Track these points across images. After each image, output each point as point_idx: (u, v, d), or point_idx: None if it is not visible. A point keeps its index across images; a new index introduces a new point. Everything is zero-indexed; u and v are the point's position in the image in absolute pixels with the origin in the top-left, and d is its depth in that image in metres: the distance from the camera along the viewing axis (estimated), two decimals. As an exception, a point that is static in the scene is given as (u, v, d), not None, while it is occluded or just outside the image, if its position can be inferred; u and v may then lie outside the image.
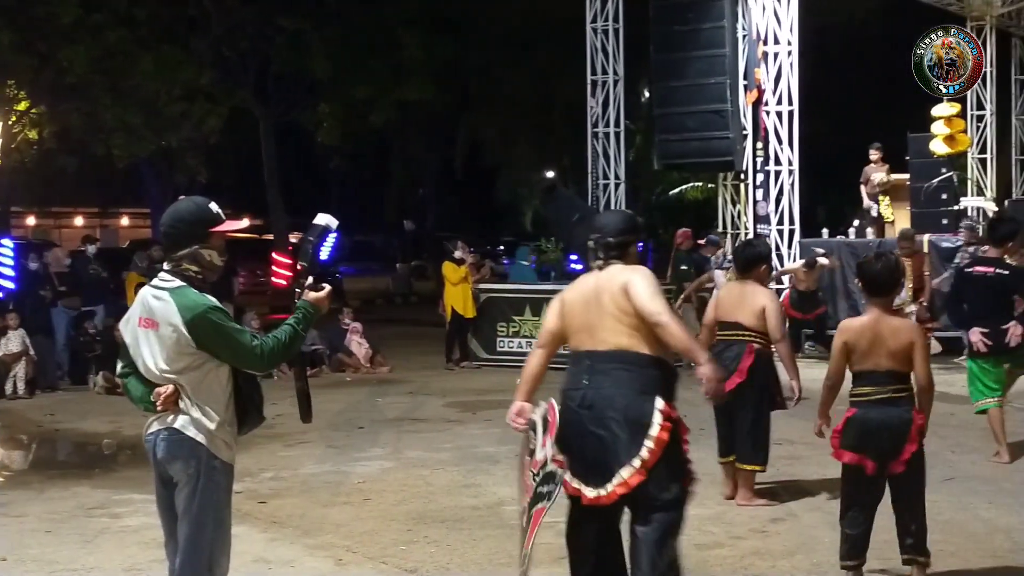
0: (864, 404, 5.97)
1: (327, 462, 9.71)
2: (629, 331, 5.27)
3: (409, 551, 6.86)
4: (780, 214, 18.25)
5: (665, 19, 19.34)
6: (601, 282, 5.40)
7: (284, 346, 4.67)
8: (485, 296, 17.13)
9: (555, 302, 5.62)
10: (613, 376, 5.28)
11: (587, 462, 5.26)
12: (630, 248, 5.54)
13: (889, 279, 6.03)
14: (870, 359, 5.93)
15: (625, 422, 5.20)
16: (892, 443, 5.89)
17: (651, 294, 5.24)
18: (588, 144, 20.99)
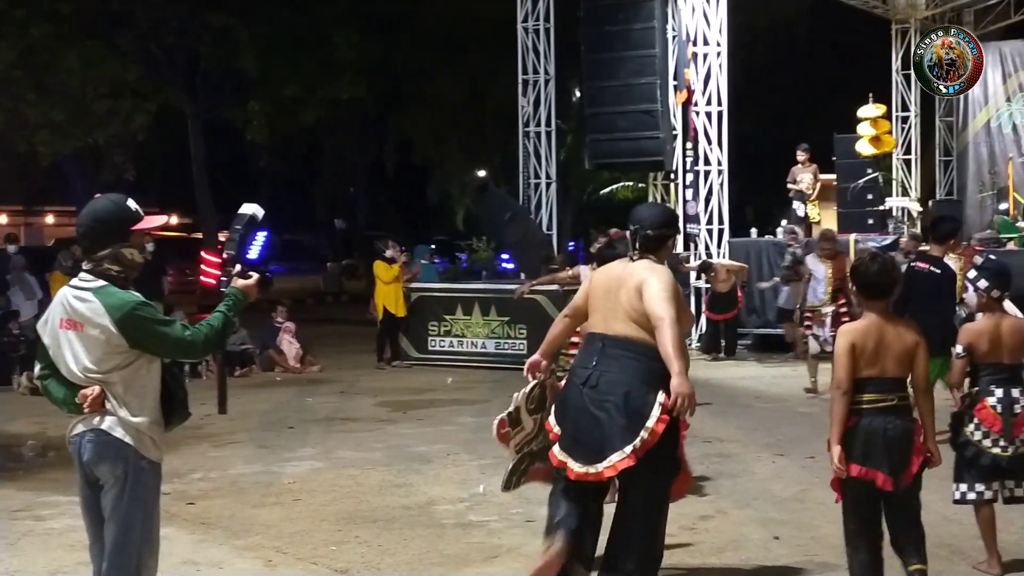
0: (868, 412, 5.48)
1: (257, 462, 9.63)
2: (640, 325, 5.52)
3: (340, 551, 6.83)
4: (709, 214, 18.41)
5: (596, 19, 19.42)
6: (626, 274, 5.66)
7: (217, 332, 4.65)
8: (416, 295, 17.10)
9: (586, 281, 6.00)
10: (622, 363, 5.53)
11: (579, 438, 5.50)
12: (668, 243, 5.86)
13: (887, 281, 5.64)
14: (875, 364, 5.49)
15: (626, 408, 5.42)
16: (901, 454, 5.50)
17: (662, 298, 5.45)
18: (519, 143, 21.03)
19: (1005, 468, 6.24)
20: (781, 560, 6.47)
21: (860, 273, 5.65)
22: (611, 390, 5.47)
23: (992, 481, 6.27)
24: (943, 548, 6.59)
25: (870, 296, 5.63)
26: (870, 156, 18.48)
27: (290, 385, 15.13)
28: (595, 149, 20.37)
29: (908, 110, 24.91)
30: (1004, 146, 24.67)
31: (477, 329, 16.39)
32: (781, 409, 12.26)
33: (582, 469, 5.45)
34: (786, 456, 9.49)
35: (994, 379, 6.28)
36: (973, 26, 25.62)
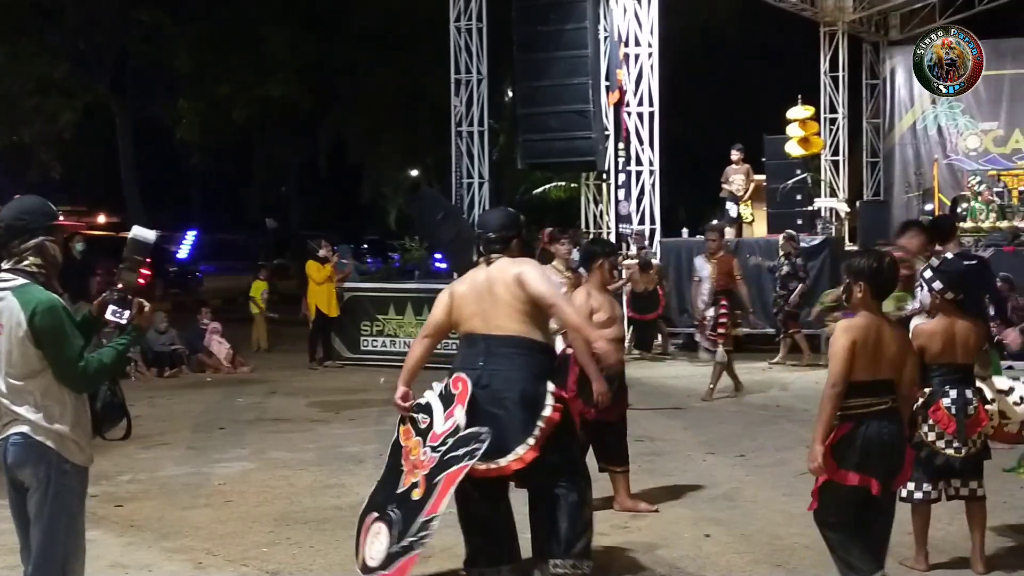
0: (862, 417, 5.32)
1: (187, 464, 9.54)
2: (523, 318, 5.76)
3: (271, 553, 6.79)
4: (641, 214, 18.52)
5: (528, 19, 19.46)
6: (492, 274, 5.87)
7: (108, 369, 4.59)
8: (349, 295, 17.03)
9: (444, 295, 6.08)
10: (511, 359, 5.73)
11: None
12: (512, 243, 6.03)
13: (895, 279, 5.56)
14: (872, 366, 5.32)
15: (522, 402, 5.64)
16: (895, 460, 5.39)
17: (542, 282, 5.80)
18: (452, 143, 21.01)
19: (958, 469, 6.23)
20: (712, 557, 6.52)
21: (879, 271, 5.41)
22: (506, 387, 5.68)
23: (939, 481, 6.30)
24: (870, 544, 6.67)
25: (880, 295, 5.46)
26: (799, 157, 18.69)
27: (220, 386, 15.01)
28: (528, 149, 20.40)
29: (836, 112, 25.22)
30: (929, 148, 25.10)
31: (410, 329, 16.34)
32: (712, 408, 12.36)
33: (484, 466, 5.58)
34: (717, 455, 9.57)
35: (947, 380, 6.24)
36: (899, 29, 26.07)
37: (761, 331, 16.57)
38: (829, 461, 5.31)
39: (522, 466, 5.60)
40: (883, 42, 26.25)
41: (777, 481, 8.48)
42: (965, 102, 24.93)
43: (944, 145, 25.04)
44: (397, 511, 5.82)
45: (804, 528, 7.10)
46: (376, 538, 5.91)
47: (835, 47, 25.02)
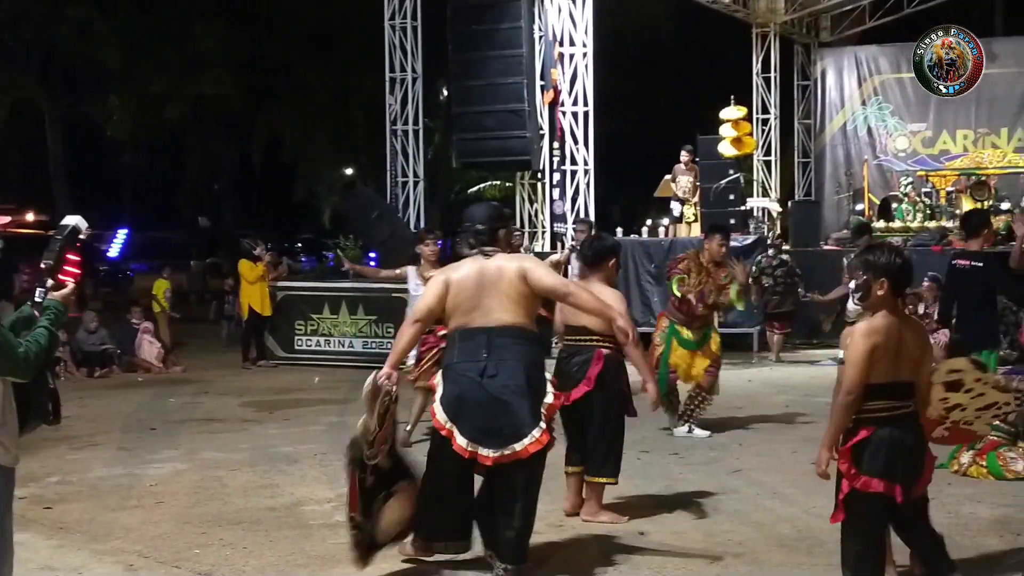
0: (882, 422, 5.09)
1: (117, 465, 9.43)
2: (521, 311, 6.03)
3: (203, 554, 6.73)
4: (576, 213, 18.57)
5: (463, 18, 19.44)
6: (490, 267, 6.07)
7: (44, 350, 4.55)
8: (283, 294, 16.93)
9: (438, 284, 6.17)
10: (513, 349, 5.98)
11: (491, 427, 5.90)
12: (499, 234, 6.27)
13: (910, 276, 5.36)
14: (891, 369, 5.09)
15: (529, 389, 5.94)
16: (921, 464, 5.20)
17: (549, 275, 6.16)
18: (387, 142, 20.94)
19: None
20: (646, 555, 6.55)
21: (902, 265, 5.21)
22: (512, 376, 5.94)
23: None
24: (803, 541, 6.75)
25: (901, 291, 5.24)
26: (732, 157, 18.84)
27: (152, 386, 14.85)
28: (462, 148, 20.39)
29: (768, 112, 25.46)
30: (860, 148, 25.41)
31: (344, 328, 16.29)
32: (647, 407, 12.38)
33: (498, 453, 5.88)
34: (651, 453, 9.62)
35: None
36: (830, 31, 26.37)
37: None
38: (851, 468, 5.09)
39: (539, 447, 5.90)
40: (814, 44, 26.54)
41: (710, 479, 8.55)
42: (894, 103, 25.29)
43: (874, 146, 25.36)
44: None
45: (737, 525, 7.18)
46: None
47: (767, 48, 25.26)
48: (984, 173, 21.34)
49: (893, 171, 24.14)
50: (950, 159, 23.96)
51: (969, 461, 8.39)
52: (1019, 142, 24.11)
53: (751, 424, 11.07)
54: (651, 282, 17.80)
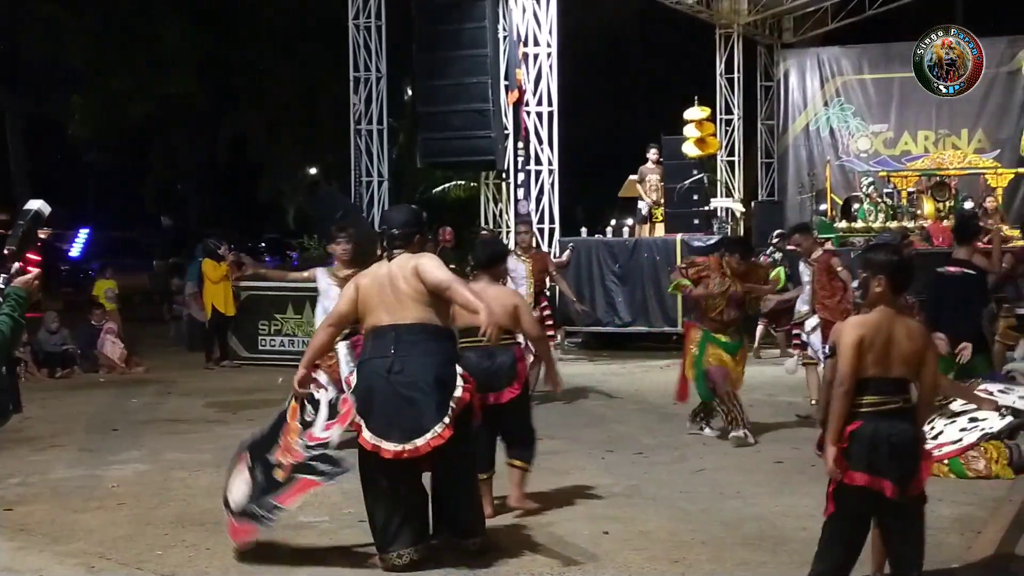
0: (872, 416, 5.14)
1: (79, 466, 9.36)
2: (426, 307, 6.21)
3: (166, 556, 6.70)
4: (540, 213, 18.60)
5: (427, 18, 19.40)
6: (393, 269, 6.30)
7: (8, 339, 4.51)
8: (246, 294, 16.86)
9: (350, 288, 6.46)
10: (420, 345, 6.17)
11: (394, 421, 6.07)
12: (413, 239, 6.48)
13: (910, 274, 5.38)
14: (881, 363, 5.15)
15: (435, 385, 6.10)
16: (909, 462, 5.18)
17: (437, 270, 6.25)
18: (352, 141, 20.89)
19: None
20: (610, 555, 6.57)
21: (902, 264, 5.29)
22: (418, 371, 6.12)
23: None
24: (767, 540, 6.79)
25: (900, 290, 5.29)
26: (696, 157, 18.90)
27: (114, 386, 14.76)
28: (427, 148, 20.35)
29: (732, 113, 25.58)
30: (822, 149, 25.59)
31: (309, 328, 16.16)
32: (610, 406, 12.47)
33: (399, 447, 6.03)
34: (615, 452, 9.65)
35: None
36: (793, 32, 26.53)
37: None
38: (840, 462, 5.14)
39: (441, 442, 6.01)
40: (777, 45, 26.70)
41: (674, 479, 8.58)
42: (856, 104, 25.50)
43: (836, 147, 25.55)
44: (260, 476, 6.47)
45: (701, 525, 7.21)
46: (239, 480, 6.62)
47: (731, 49, 25.38)
48: (945, 174, 21.52)
49: (855, 171, 24.32)
50: (911, 160, 24.16)
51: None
52: (979, 143, 24.36)
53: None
54: (616, 282, 17.85)
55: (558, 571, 6.28)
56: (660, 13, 25.05)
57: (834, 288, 11.07)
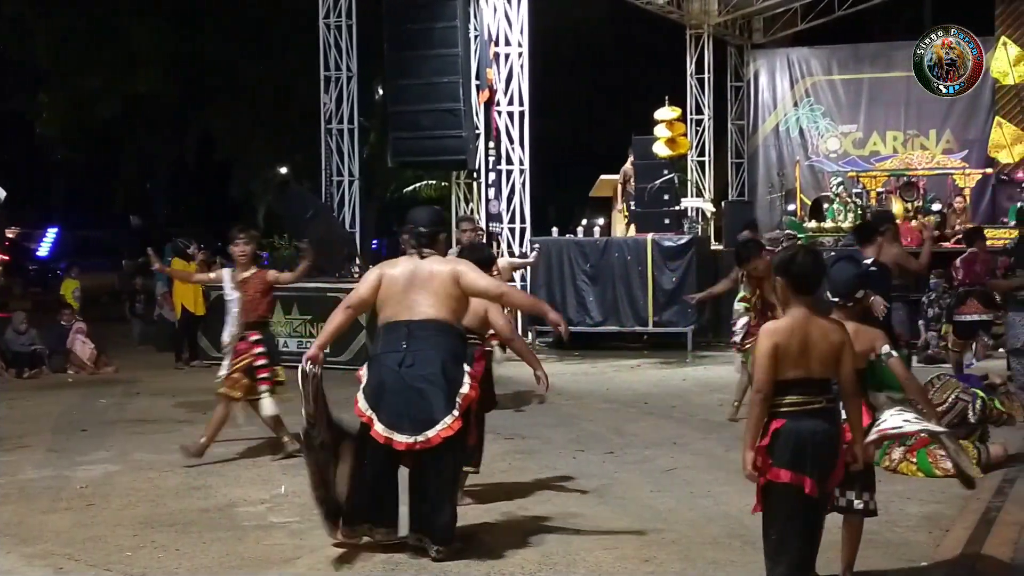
0: (794, 415, 5.17)
1: (47, 467, 9.30)
2: (446, 309, 6.44)
3: (135, 557, 6.66)
4: (512, 212, 18.62)
5: (398, 17, 19.37)
6: (423, 268, 6.53)
7: None
8: (217, 294, 16.76)
9: (373, 276, 6.66)
10: (431, 340, 6.37)
11: (403, 413, 6.27)
12: (439, 238, 6.75)
13: (818, 273, 5.39)
14: (800, 365, 5.17)
15: (444, 379, 6.30)
16: (829, 459, 5.22)
17: (482, 278, 6.58)
18: (322, 141, 20.84)
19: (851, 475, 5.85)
20: (581, 554, 6.58)
21: (792, 264, 5.28)
22: (428, 365, 6.31)
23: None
24: (736, 538, 6.81)
25: (800, 290, 5.27)
26: (666, 157, 18.94)
27: (83, 386, 14.67)
28: (398, 147, 20.32)
29: (702, 113, 25.68)
30: (792, 149, 25.73)
31: (279, 328, 16.15)
32: (581, 405, 12.48)
33: (410, 439, 6.23)
34: (586, 452, 9.67)
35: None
36: (763, 33, 26.65)
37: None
38: (765, 459, 5.18)
39: (451, 434, 6.24)
40: (747, 45, 26.81)
41: (645, 477, 8.61)
42: (826, 105, 25.65)
43: (806, 147, 25.69)
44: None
45: (671, 524, 7.23)
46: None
47: (701, 50, 25.48)
48: (913, 174, 21.66)
49: (824, 172, 24.44)
50: (880, 160, 24.30)
51: (900, 458, 8.52)
52: (947, 144, 24.55)
53: (685, 423, 11.15)
54: (587, 282, 17.87)
55: (529, 571, 6.28)
56: (631, 13, 25.11)
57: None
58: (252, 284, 9.43)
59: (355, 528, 6.50)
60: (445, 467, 6.40)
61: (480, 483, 8.08)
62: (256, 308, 9.41)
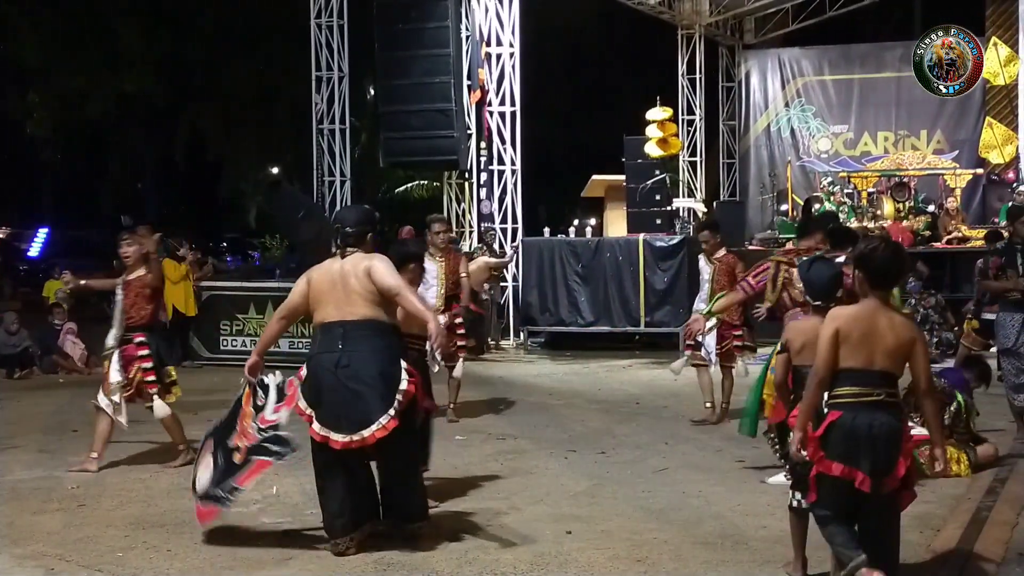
0: (851, 407, 5.07)
1: (38, 467, 9.28)
2: (374, 305, 6.47)
3: (127, 557, 6.65)
4: (503, 213, 18.63)
5: (389, 17, 19.37)
6: (346, 267, 6.56)
7: None
8: (208, 294, 16.76)
9: (302, 281, 6.75)
10: (367, 341, 6.43)
11: (339, 413, 6.36)
12: (367, 237, 6.71)
13: (900, 267, 5.29)
14: (861, 355, 5.08)
15: (381, 379, 6.36)
16: (886, 455, 5.06)
17: (389, 274, 6.52)
18: (313, 140, 20.83)
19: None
20: (573, 554, 6.57)
21: (872, 257, 5.17)
22: (364, 365, 6.38)
23: None
24: (728, 539, 6.81)
25: (877, 284, 5.16)
26: (658, 158, 18.95)
27: (74, 387, 14.61)
28: (389, 147, 20.32)
29: (694, 113, 25.70)
30: (783, 150, 25.77)
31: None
32: (573, 406, 12.48)
33: (346, 438, 6.32)
34: (578, 452, 9.66)
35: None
36: (754, 33, 26.68)
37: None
38: (818, 450, 5.12)
39: (385, 434, 6.28)
40: (738, 45, 26.84)
41: (636, 478, 8.60)
42: (817, 105, 25.69)
43: (797, 147, 25.73)
44: (221, 459, 6.81)
45: (663, 523, 7.23)
46: (204, 465, 6.95)
47: (692, 50, 25.50)
48: (904, 174, 21.70)
49: (816, 172, 24.47)
50: (871, 160, 24.33)
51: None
52: (938, 144, 24.60)
53: (677, 423, 11.15)
54: (578, 282, 17.88)
55: (522, 570, 6.27)
56: (622, 14, 25.13)
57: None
58: (133, 287, 9.26)
59: (334, 538, 6.53)
60: (399, 455, 6.54)
61: (472, 483, 8.07)
62: (136, 311, 9.28)
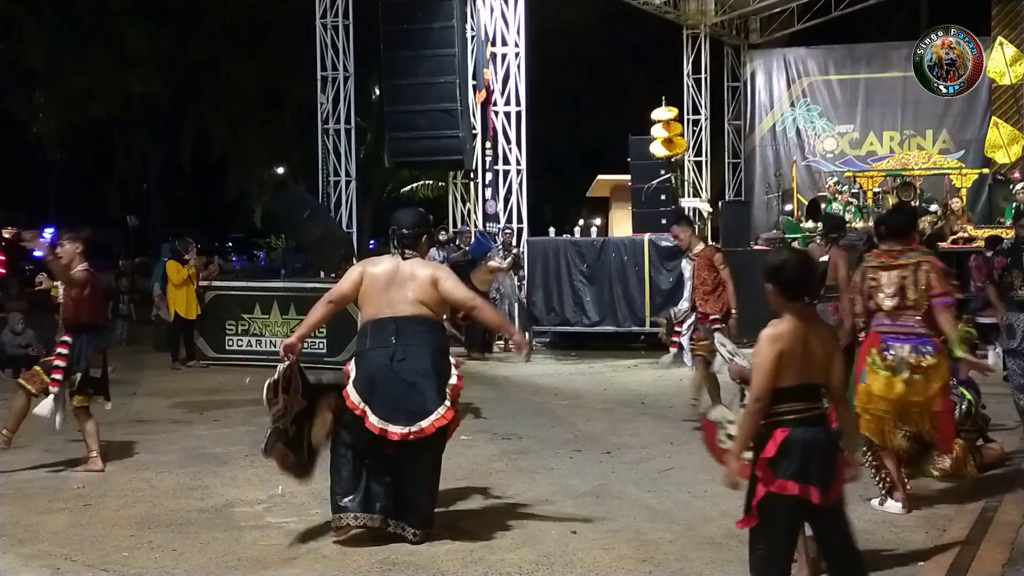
0: (797, 423, 4.91)
1: (44, 467, 9.29)
2: (426, 307, 6.74)
3: (132, 557, 6.65)
4: (509, 212, 18.62)
5: (394, 18, 19.39)
6: (404, 269, 6.80)
7: None
8: (213, 294, 16.77)
9: (356, 272, 6.91)
10: (420, 336, 6.68)
11: (397, 406, 6.53)
12: (421, 239, 6.97)
13: (811, 277, 5.19)
14: (803, 371, 4.94)
15: (435, 372, 6.62)
16: (832, 467, 4.97)
17: (458, 289, 6.83)
18: (319, 140, 20.84)
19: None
20: (579, 554, 6.57)
21: (781, 270, 5.05)
22: (419, 358, 6.60)
23: None
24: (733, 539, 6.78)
25: (792, 296, 5.02)
26: (663, 158, 18.94)
27: (79, 387, 14.60)
28: (395, 147, 20.34)
29: (699, 113, 25.69)
30: (788, 150, 25.74)
31: (276, 328, 16.15)
32: (578, 405, 12.48)
33: (404, 430, 6.49)
34: (583, 452, 9.66)
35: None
36: (759, 33, 26.66)
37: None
38: (768, 472, 4.90)
39: (444, 423, 6.56)
40: (744, 45, 26.82)
41: (641, 478, 8.60)
42: (822, 105, 25.66)
43: (803, 147, 25.70)
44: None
45: (668, 524, 7.22)
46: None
47: (698, 50, 25.49)
48: (910, 174, 21.67)
49: (821, 172, 24.45)
50: (877, 160, 24.30)
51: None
52: (944, 144, 24.57)
53: (682, 423, 11.13)
54: (584, 282, 17.86)
55: (527, 570, 6.27)
56: (628, 14, 25.14)
57: (715, 284, 10.69)
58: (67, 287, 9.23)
59: (342, 520, 6.68)
60: (429, 457, 6.69)
61: (477, 483, 8.07)
62: (65, 310, 9.28)
